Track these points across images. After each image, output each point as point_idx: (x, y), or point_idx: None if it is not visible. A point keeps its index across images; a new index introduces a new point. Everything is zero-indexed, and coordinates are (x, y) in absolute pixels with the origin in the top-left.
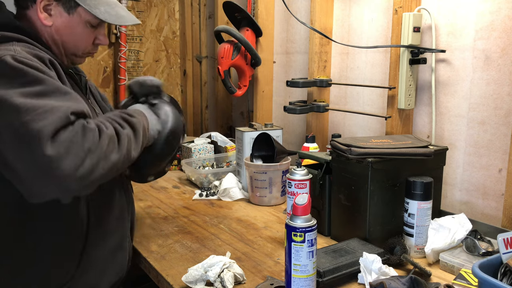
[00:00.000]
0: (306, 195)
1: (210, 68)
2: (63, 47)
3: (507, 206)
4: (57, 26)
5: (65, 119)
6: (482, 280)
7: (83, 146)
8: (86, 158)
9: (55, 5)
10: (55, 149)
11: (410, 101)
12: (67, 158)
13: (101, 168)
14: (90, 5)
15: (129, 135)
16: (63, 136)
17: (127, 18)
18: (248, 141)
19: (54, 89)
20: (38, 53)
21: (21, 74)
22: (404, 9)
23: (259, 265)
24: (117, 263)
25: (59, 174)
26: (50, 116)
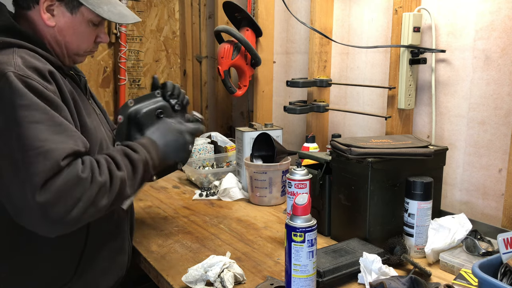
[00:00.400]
0: (306, 195)
1: (210, 68)
2: (66, 47)
3: (507, 206)
4: (60, 26)
5: (57, 167)
6: (482, 280)
7: (72, 196)
8: (75, 207)
9: (57, 5)
10: (44, 197)
11: (410, 101)
12: (56, 206)
13: (89, 214)
14: (93, 4)
15: (123, 177)
16: (54, 185)
17: (130, 17)
18: (248, 141)
19: (49, 119)
20: (37, 64)
21: (19, 95)
22: (404, 9)
23: (259, 265)
24: (116, 265)
25: (46, 219)
26: (43, 162)
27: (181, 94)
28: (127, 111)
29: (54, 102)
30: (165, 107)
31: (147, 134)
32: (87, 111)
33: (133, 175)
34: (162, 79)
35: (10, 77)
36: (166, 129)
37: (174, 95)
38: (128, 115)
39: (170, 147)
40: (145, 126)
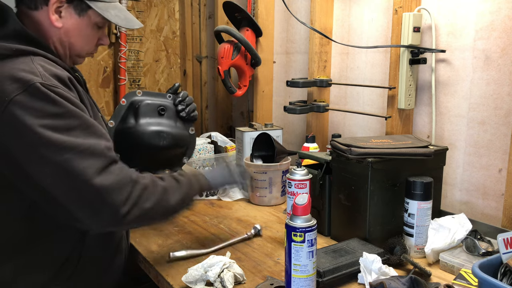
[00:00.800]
0: (306, 195)
1: (210, 68)
2: (69, 48)
3: (507, 206)
4: (67, 28)
5: (105, 158)
6: (482, 280)
7: (125, 189)
8: (127, 201)
9: (66, 7)
10: (101, 180)
11: (410, 101)
12: (114, 192)
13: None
14: (102, 8)
15: (165, 186)
16: (110, 176)
17: (135, 22)
18: (248, 141)
19: (82, 123)
20: (58, 72)
21: (52, 103)
22: (404, 9)
23: (259, 265)
24: (114, 265)
25: (105, 205)
26: (91, 157)
27: (191, 105)
28: (132, 98)
29: (81, 106)
30: (169, 108)
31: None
32: (94, 112)
33: (178, 188)
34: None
35: (40, 87)
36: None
37: (184, 103)
38: (132, 102)
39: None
40: (142, 115)
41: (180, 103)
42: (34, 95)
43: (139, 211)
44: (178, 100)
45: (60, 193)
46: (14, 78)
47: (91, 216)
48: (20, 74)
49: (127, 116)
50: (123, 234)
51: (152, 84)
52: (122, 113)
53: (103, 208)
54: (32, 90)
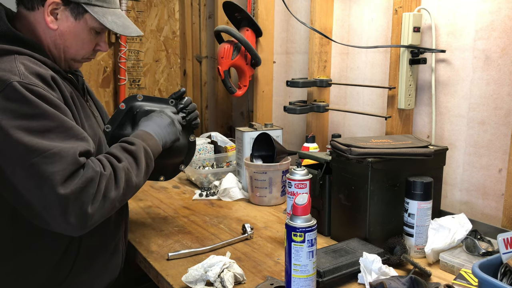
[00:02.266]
0: (306, 195)
1: (210, 68)
2: (64, 51)
3: (507, 206)
4: (62, 30)
5: (75, 164)
6: (482, 280)
7: (88, 192)
8: (92, 202)
9: (62, 9)
10: (65, 191)
11: (410, 101)
12: (76, 200)
13: (105, 208)
14: (98, 13)
15: (125, 167)
16: (74, 181)
17: (132, 29)
18: (248, 141)
19: (59, 125)
20: (40, 71)
21: (27, 104)
22: (404, 9)
23: (259, 265)
24: (111, 265)
25: (68, 214)
26: (60, 161)
27: (193, 113)
28: (132, 103)
29: (61, 107)
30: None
31: (141, 127)
32: (85, 115)
33: (136, 165)
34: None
35: (16, 86)
36: (158, 120)
37: (186, 111)
38: (131, 107)
39: (164, 134)
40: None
41: (182, 110)
42: (9, 95)
43: (108, 202)
44: (180, 107)
45: (30, 196)
46: None
47: (59, 222)
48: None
49: (124, 122)
50: (121, 235)
51: (152, 84)
52: (120, 118)
53: (70, 214)
54: (8, 90)
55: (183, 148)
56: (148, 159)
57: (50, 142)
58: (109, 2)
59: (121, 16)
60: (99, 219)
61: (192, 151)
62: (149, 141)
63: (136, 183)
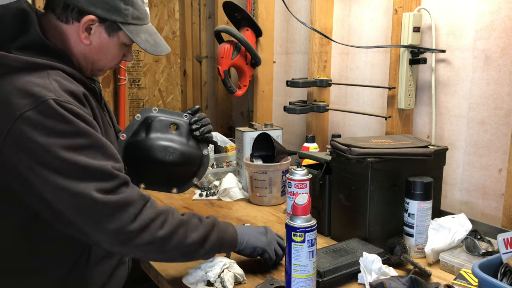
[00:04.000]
0: (306, 195)
1: (210, 68)
2: (93, 64)
3: (507, 206)
4: (94, 45)
5: (115, 180)
6: (482, 280)
7: (134, 207)
8: (136, 219)
9: (97, 25)
10: (109, 198)
11: (410, 101)
12: (123, 207)
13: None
14: (133, 32)
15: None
16: (119, 192)
17: (163, 47)
18: (248, 141)
19: (93, 143)
20: (73, 88)
21: (63, 121)
22: (404, 9)
23: (259, 265)
24: (117, 277)
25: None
26: (100, 178)
27: (207, 126)
28: (147, 114)
29: (93, 124)
30: (182, 126)
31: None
32: (105, 129)
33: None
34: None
35: (51, 103)
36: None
37: (199, 123)
38: (146, 117)
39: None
40: (153, 130)
41: (196, 122)
42: (45, 111)
43: (150, 236)
44: (194, 119)
45: (67, 210)
46: (26, 92)
47: (98, 233)
48: (34, 89)
49: (139, 130)
50: None
51: (152, 84)
52: (135, 127)
53: (110, 224)
54: (43, 107)
55: (196, 161)
56: (212, 234)
57: (85, 158)
58: (143, 19)
59: (152, 33)
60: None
61: (205, 164)
62: (229, 229)
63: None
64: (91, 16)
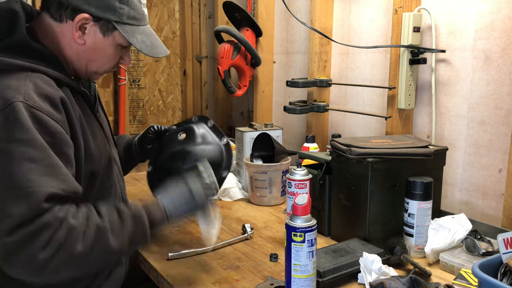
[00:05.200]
0: (306, 195)
1: (210, 68)
2: (87, 65)
3: (507, 206)
4: (88, 45)
5: (34, 210)
6: (482, 280)
7: (40, 239)
8: (42, 251)
9: (92, 24)
10: (12, 239)
11: (410, 101)
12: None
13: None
14: (128, 32)
15: (100, 225)
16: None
17: (160, 49)
18: (248, 141)
19: (43, 158)
20: (50, 91)
21: (20, 127)
22: (404, 9)
23: (259, 265)
24: (114, 278)
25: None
26: (21, 205)
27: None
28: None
29: (58, 136)
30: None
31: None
32: (93, 133)
33: (121, 227)
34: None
35: (17, 106)
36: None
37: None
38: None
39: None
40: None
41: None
42: (8, 115)
43: (66, 255)
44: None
45: None
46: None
47: (6, 266)
48: (5, 91)
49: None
50: None
51: (152, 84)
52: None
53: (14, 262)
54: (8, 110)
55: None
56: (139, 229)
57: (28, 174)
58: (140, 19)
59: (150, 34)
60: (60, 270)
61: (229, 153)
62: (153, 210)
63: (111, 247)
64: (85, 14)
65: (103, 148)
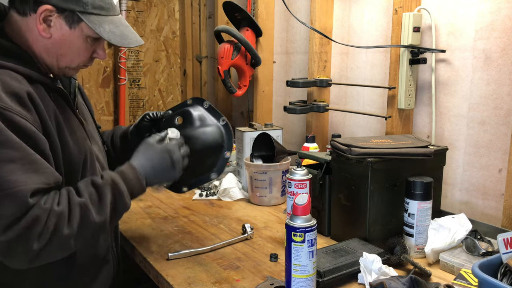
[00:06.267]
0: (306, 195)
1: (210, 68)
2: (58, 60)
3: (507, 206)
4: (55, 39)
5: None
6: (482, 280)
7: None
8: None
9: (56, 16)
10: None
11: (410, 101)
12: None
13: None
14: (95, 22)
15: (82, 203)
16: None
17: (132, 39)
18: (248, 141)
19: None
20: (16, 87)
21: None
22: (404, 9)
23: (259, 265)
24: (101, 276)
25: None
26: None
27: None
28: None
29: (31, 135)
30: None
31: (131, 160)
32: (71, 129)
33: (99, 201)
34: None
35: None
36: (150, 152)
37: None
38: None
39: (157, 171)
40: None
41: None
42: None
43: (58, 239)
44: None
45: None
46: None
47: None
48: None
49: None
50: (111, 245)
51: (152, 84)
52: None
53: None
54: None
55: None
56: (117, 195)
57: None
58: (107, 9)
59: (120, 25)
60: (49, 255)
61: (229, 133)
62: (128, 175)
63: (96, 221)
64: (47, 6)
65: (82, 144)
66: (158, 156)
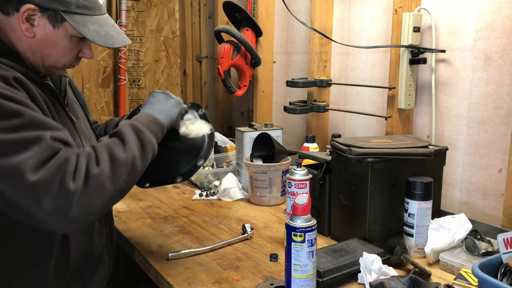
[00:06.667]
0: (306, 195)
1: (210, 68)
2: (42, 59)
3: (507, 206)
4: (39, 38)
5: (48, 149)
6: (482, 280)
7: (66, 169)
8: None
9: (39, 16)
10: (39, 176)
11: (410, 101)
12: (54, 181)
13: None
14: (79, 22)
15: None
16: (48, 165)
17: (117, 39)
18: (248, 141)
19: (30, 121)
20: (2, 73)
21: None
22: (404, 9)
23: (259, 265)
24: (96, 276)
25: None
26: (33, 148)
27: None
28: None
29: (29, 104)
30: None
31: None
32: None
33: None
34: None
35: None
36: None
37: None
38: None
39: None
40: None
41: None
42: None
43: (93, 181)
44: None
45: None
46: None
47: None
48: None
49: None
50: (106, 244)
51: (152, 84)
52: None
53: (46, 200)
54: None
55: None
56: (139, 133)
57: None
58: (92, 9)
59: (105, 24)
60: (90, 202)
61: (210, 142)
62: (140, 118)
63: (125, 157)
64: (29, 5)
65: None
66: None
